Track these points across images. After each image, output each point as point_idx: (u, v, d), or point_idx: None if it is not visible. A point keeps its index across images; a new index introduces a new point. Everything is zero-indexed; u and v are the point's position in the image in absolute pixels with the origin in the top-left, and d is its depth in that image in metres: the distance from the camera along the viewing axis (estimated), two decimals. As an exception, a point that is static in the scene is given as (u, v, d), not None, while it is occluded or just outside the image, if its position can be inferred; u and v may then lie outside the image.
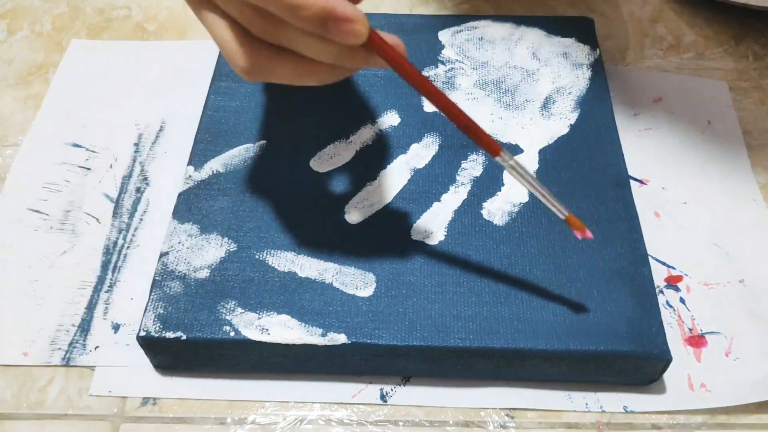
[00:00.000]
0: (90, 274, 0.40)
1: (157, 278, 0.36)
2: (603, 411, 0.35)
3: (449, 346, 0.34)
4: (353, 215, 0.39)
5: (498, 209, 0.39)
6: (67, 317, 0.38)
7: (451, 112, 0.30)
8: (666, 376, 0.36)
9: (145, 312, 0.35)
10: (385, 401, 0.35)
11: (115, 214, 0.42)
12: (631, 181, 0.43)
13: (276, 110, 0.44)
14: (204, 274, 0.36)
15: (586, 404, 0.35)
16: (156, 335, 0.34)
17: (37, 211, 0.43)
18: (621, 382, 0.36)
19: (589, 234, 0.33)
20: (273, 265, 0.37)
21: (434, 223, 0.38)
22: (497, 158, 0.31)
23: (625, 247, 0.37)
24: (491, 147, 0.31)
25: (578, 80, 0.45)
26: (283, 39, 0.28)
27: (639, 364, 0.34)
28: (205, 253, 0.37)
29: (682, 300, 0.38)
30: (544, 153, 0.42)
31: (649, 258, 0.38)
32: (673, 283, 0.39)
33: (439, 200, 0.39)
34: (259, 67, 0.29)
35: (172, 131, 0.46)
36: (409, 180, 0.40)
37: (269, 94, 0.45)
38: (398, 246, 0.37)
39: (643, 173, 0.44)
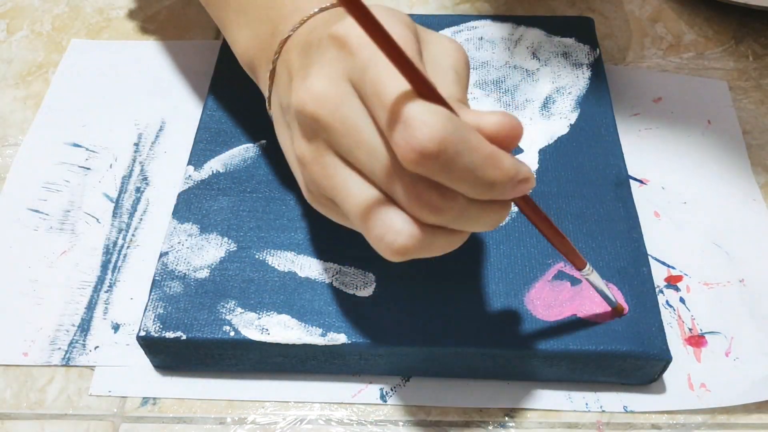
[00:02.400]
0: (90, 274, 0.40)
1: (157, 278, 0.36)
2: (603, 411, 0.35)
3: (449, 346, 0.34)
4: (353, 215, 0.39)
5: (498, 209, 0.39)
6: (66, 317, 0.38)
7: (564, 246, 0.31)
8: (666, 376, 0.36)
9: (145, 312, 0.35)
10: (385, 401, 0.35)
11: (115, 214, 0.42)
12: (631, 181, 0.43)
13: (276, 110, 0.44)
14: (204, 273, 0.36)
15: (586, 404, 0.35)
16: (156, 335, 0.34)
17: (37, 211, 0.43)
18: (621, 382, 0.36)
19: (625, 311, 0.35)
20: (273, 265, 0.37)
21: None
22: (581, 270, 0.32)
23: (625, 246, 0.37)
24: (579, 262, 0.32)
25: (578, 80, 0.45)
26: (456, 213, 0.24)
27: (639, 364, 0.34)
28: (204, 252, 0.37)
29: (682, 300, 0.38)
30: (544, 153, 0.42)
31: (649, 258, 0.38)
32: (673, 283, 0.39)
33: (439, 200, 0.39)
34: (417, 247, 0.25)
35: (172, 131, 0.46)
36: (409, 180, 0.40)
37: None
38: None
39: (643, 173, 0.44)
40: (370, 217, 0.25)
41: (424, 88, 0.23)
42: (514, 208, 0.39)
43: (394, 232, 0.24)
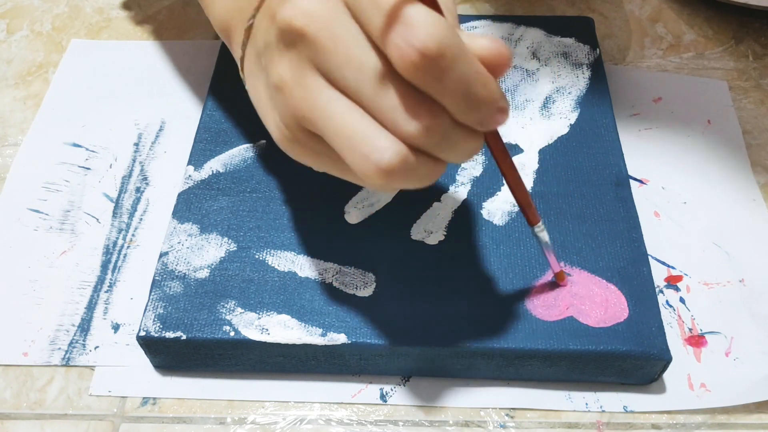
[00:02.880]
0: (90, 274, 0.40)
1: (157, 278, 0.36)
2: (603, 411, 0.35)
3: (449, 346, 0.34)
4: (353, 215, 0.39)
5: (498, 209, 0.39)
6: (66, 317, 0.38)
7: (518, 186, 0.32)
8: (666, 376, 0.36)
9: (145, 312, 0.35)
10: (385, 401, 0.35)
11: (115, 213, 0.42)
12: (631, 181, 0.43)
13: (276, 110, 0.44)
14: (204, 274, 0.36)
15: (586, 404, 0.35)
16: (156, 335, 0.34)
17: (37, 211, 0.43)
18: (621, 382, 0.36)
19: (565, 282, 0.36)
20: (273, 265, 0.37)
21: (434, 223, 0.38)
22: (534, 227, 0.33)
23: (625, 246, 0.37)
24: (532, 217, 0.33)
25: (578, 80, 0.45)
26: (434, 138, 0.25)
27: (639, 364, 0.34)
28: (204, 252, 0.37)
29: (682, 300, 0.38)
30: (544, 153, 0.42)
31: (649, 258, 0.38)
32: (673, 282, 0.39)
33: (439, 200, 0.39)
34: (401, 171, 0.24)
35: (172, 131, 0.46)
36: (409, 180, 0.40)
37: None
38: (398, 246, 0.37)
39: (643, 173, 0.44)
40: (355, 136, 0.24)
41: None
42: (514, 208, 0.39)
43: (380, 149, 0.24)
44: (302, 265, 0.37)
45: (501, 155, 0.30)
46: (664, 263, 0.40)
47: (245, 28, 0.30)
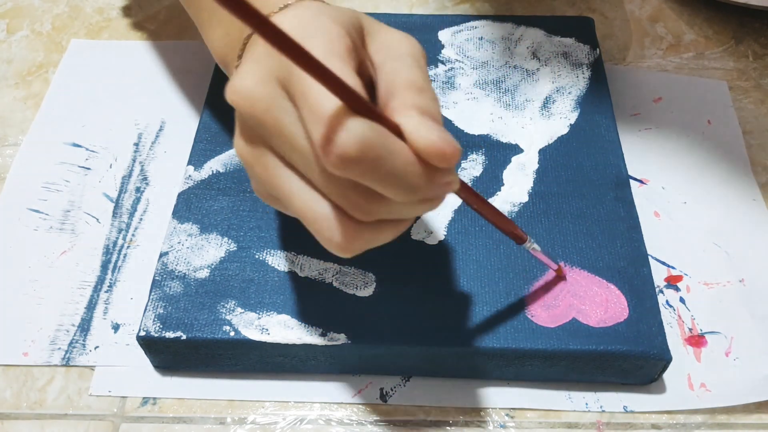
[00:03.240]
0: (90, 274, 0.40)
1: (157, 278, 0.36)
2: (603, 411, 0.35)
3: (449, 346, 0.34)
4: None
5: (498, 209, 0.39)
6: (66, 317, 0.38)
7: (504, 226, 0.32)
8: (666, 376, 0.36)
9: (145, 312, 0.35)
10: (385, 401, 0.35)
11: (115, 213, 0.42)
12: (631, 181, 0.43)
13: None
14: (204, 273, 0.36)
15: (586, 404, 0.35)
16: (156, 335, 0.34)
17: (37, 211, 0.43)
18: (621, 382, 0.36)
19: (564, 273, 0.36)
20: (273, 265, 0.37)
21: (434, 223, 0.38)
22: (524, 245, 0.34)
23: (625, 246, 0.37)
24: (518, 239, 0.33)
25: (578, 80, 0.45)
26: (387, 212, 0.25)
27: (639, 364, 0.34)
28: (204, 252, 0.37)
29: (682, 300, 0.38)
30: (544, 153, 0.42)
31: (649, 258, 0.38)
32: (673, 282, 0.39)
33: (439, 200, 0.39)
34: (358, 244, 0.26)
35: (172, 131, 0.46)
36: (409, 180, 0.40)
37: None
38: (398, 246, 0.37)
39: (643, 173, 0.44)
40: (311, 218, 0.26)
41: (346, 94, 0.22)
42: (513, 208, 0.39)
43: (336, 233, 0.25)
44: (302, 265, 0.37)
45: (470, 199, 0.30)
46: (664, 263, 0.40)
47: (235, 66, 0.30)
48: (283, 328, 0.34)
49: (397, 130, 0.24)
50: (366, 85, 0.26)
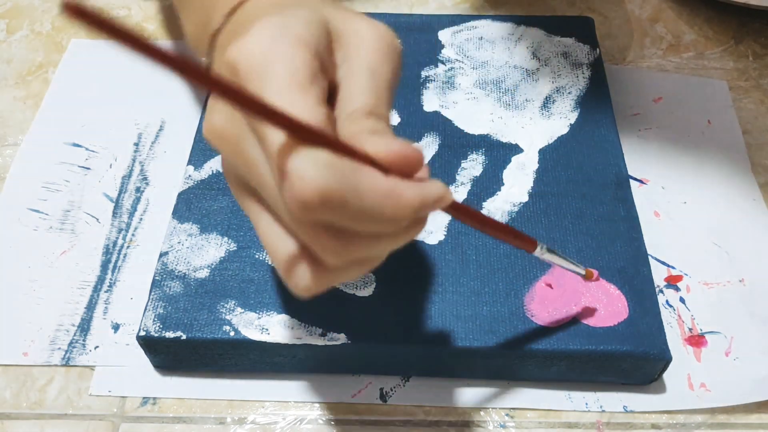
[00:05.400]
0: (90, 274, 0.40)
1: (157, 278, 0.36)
2: (603, 411, 0.35)
3: (449, 346, 0.34)
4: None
5: (498, 209, 0.39)
6: (66, 317, 0.38)
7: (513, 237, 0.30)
8: (666, 375, 0.36)
9: (144, 312, 0.35)
10: (385, 401, 0.35)
11: (115, 213, 0.42)
12: (631, 181, 0.43)
13: (276, 110, 0.44)
14: (204, 273, 0.36)
15: (586, 404, 0.35)
16: (156, 335, 0.34)
17: (37, 211, 0.42)
18: (621, 382, 0.36)
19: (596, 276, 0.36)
20: (273, 265, 0.37)
21: (434, 222, 0.38)
22: (534, 253, 0.31)
23: (625, 246, 0.37)
24: (529, 246, 0.31)
25: (578, 80, 0.45)
26: (365, 251, 0.23)
27: (639, 364, 0.34)
28: (204, 252, 0.37)
29: (682, 300, 0.38)
30: (544, 153, 0.42)
31: (649, 258, 0.38)
32: (673, 282, 0.39)
33: (439, 200, 0.39)
34: (326, 286, 0.24)
35: (172, 131, 0.46)
36: (409, 180, 0.40)
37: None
38: (398, 246, 0.37)
39: (643, 173, 0.44)
40: (277, 258, 0.24)
41: (303, 133, 0.21)
42: (513, 208, 0.39)
43: (300, 276, 0.24)
44: (302, 265, 0.37)
45: (469, 220, 0.27)
46: (664, 263, 0.40)
47: (207, 64, 0.30)
48: (283, 328, 0.34)
49: (365, 158, 0.22)
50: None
